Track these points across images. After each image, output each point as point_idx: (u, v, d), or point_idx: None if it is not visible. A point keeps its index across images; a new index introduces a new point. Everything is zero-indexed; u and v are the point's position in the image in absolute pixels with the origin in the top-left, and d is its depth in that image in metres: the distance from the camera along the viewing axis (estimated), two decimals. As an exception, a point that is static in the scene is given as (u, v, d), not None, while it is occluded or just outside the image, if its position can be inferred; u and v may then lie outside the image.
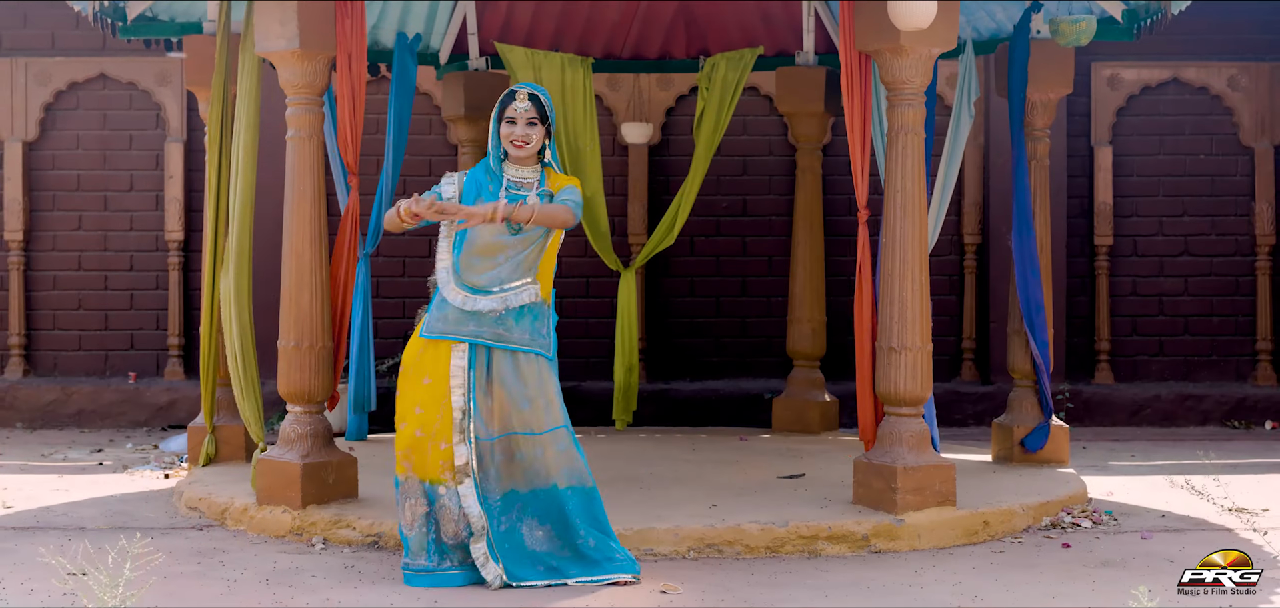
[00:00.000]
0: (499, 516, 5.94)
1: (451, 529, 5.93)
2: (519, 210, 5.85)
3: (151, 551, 6.00)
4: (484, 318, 5.92)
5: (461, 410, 5.91)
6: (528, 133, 5.96)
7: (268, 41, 6.96)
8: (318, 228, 7.01)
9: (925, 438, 6.84)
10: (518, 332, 5.93)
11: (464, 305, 5.92)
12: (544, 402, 5.94)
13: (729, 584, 5.98)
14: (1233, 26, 10.91)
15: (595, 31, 9.63)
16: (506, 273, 5.94)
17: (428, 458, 5.94)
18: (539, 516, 5.95)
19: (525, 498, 5.96)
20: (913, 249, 6.80)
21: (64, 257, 10.83)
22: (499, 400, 5.94)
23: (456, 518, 5.92)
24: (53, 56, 10.77)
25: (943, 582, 6.04)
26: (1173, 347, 11.02)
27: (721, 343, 10.89)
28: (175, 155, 10.69)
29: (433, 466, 5.93)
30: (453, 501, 5.92)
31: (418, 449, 5.95)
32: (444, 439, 5.92)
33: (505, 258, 5.93)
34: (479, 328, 5.91)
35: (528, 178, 6.01)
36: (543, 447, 5.93)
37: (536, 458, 5.94)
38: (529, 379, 5.94)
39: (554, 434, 5.95)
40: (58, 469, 8.82)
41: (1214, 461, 8.53)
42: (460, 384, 5.91)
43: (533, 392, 5.93)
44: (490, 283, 5.93)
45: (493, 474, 5.95)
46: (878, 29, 6.71)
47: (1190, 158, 11.03)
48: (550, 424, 5.95)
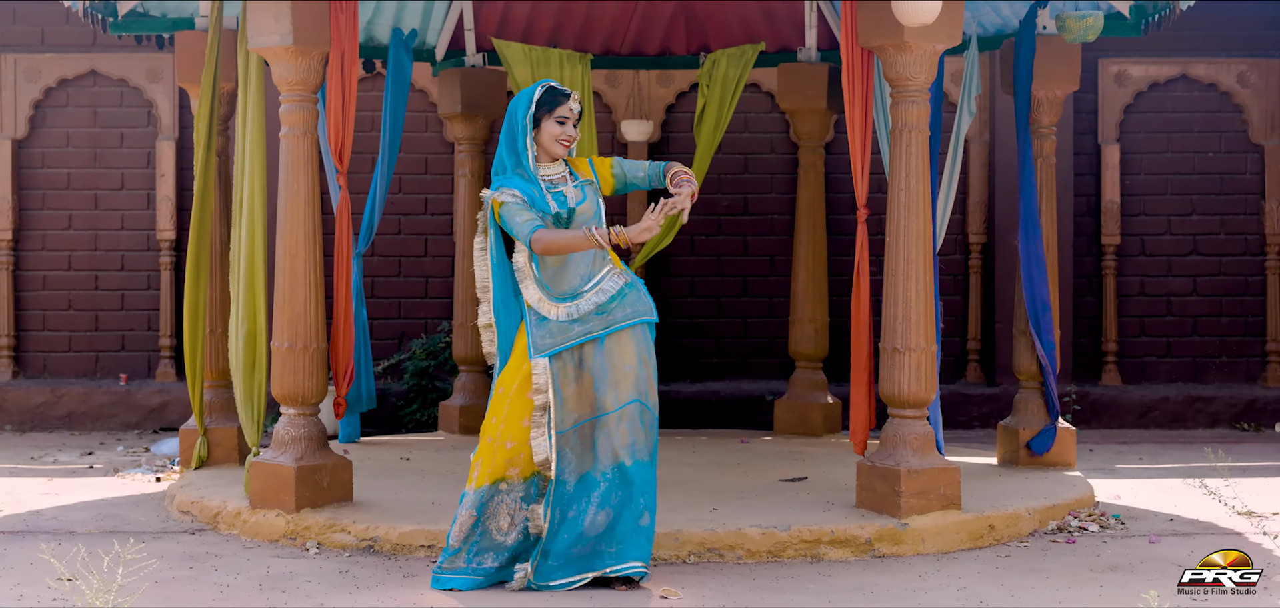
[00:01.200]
0: (569, 503, 5.89)
1: (505, 524, 5.91)
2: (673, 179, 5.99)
3: (143, 555, 6.00)
4: (589, 318, 5.92)
5: (542, 407, 5.87)
6: (576, 134, 6.00)
7: (261, 37, 6.96)
8: (312, 227, 7.01)
9: (929, 441, 6.85)
10: (619, 310, 5.94)
11: (566, 316, 5.91)
12: (620, 376, 5.89)
13: (730, 589, 5.98)
14: (1242, 22, 10.92)
15: (594, 27, 9.63)
16: (589, 267, 5.94)
17: (496, 457, 5.92)
18: (603, 499, 5.89)
19: (598, 482, 5.89)
20: (917, 248, 6.80)
21: (54, 256, 10.83)
22: (583, 384, 5.91)
23: (512, 512, 5.91)
24: (42, 53, 10.78)
25: (947, 587, 6.05)
26: (1181, 348, 11.02)
27: (722, 344, 10.90)
28: (167, 153, 10.69)
29: (500, 465, 5.92)
30: (514, 495, 5.91)
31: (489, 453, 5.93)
32: (511, 438, 5.89)
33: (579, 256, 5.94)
34: (587, 327, 5.91)
35: (559, 172, 6.00)
36: (612, 425, 5.90)
37: (606, 436, 5.89)
38: (615, 353, 5.91)
39: (631, 409, 5.90)
40: (47, 472, 8.82)
41: (1224, 463, 8.53)
42: (542, 385, 5.86)
43: (617, 368, 5.90)
44: (581, 285, 5.93)
45: (570, 460, 5.91)
46: (881, 25, 6.72)
47: (1199, 156, 11.03)
48: (627, 398, 5.89)
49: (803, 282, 9.59)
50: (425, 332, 10.76)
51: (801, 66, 9.39)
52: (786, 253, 10.46)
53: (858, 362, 7.02)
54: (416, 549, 6.52)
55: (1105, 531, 7.12)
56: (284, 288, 7.00)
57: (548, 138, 5.93)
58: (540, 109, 5.93)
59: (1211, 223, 11.01)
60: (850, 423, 7.08)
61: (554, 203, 5.89)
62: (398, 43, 8.05)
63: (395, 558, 6.47)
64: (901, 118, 6.84)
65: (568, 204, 5.91)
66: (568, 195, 5.93)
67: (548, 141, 5.94)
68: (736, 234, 10.89)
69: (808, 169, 9.61)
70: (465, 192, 9.49)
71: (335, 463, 7.04)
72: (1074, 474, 7.97)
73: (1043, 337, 7.97)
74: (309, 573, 6.23)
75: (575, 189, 5.96)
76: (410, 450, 8.77)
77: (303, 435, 6.96)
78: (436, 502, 7.06)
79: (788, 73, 9.45)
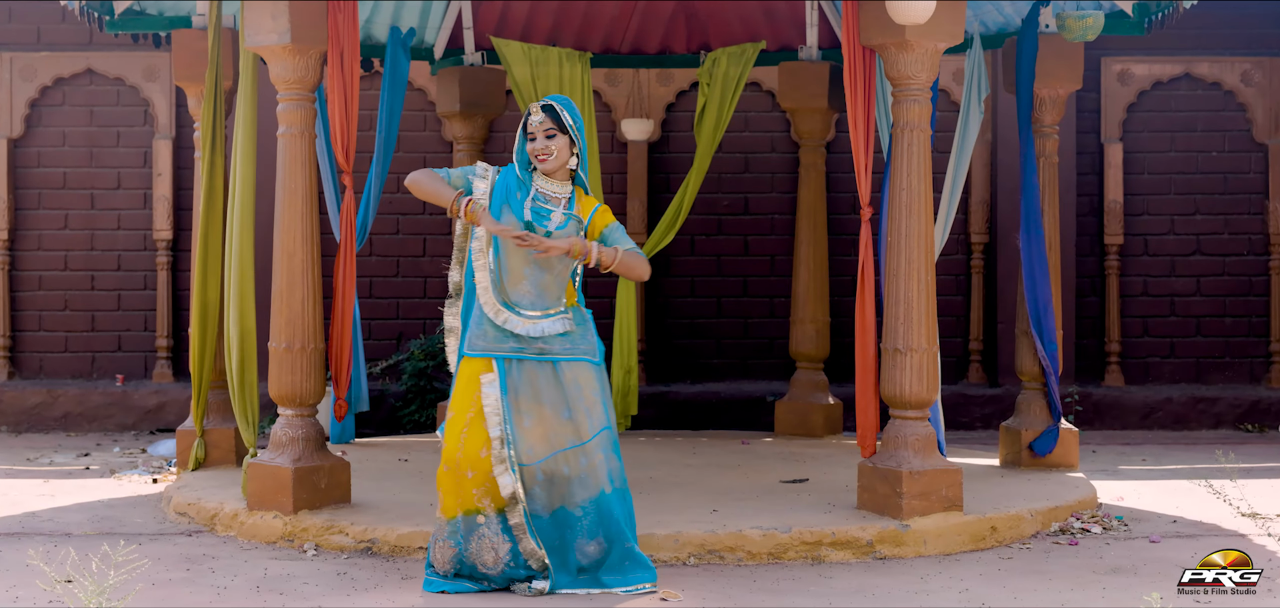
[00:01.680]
0: (550, 535, 5.87)
1: (489, 559, 5.85)
2: (604, 255, 5.86)
3: (139, 557, 6.00)
4: (524, 339, 5.88)
5: (499, 439, 5.82)
6: (548, 146, 5.89)
7: (259, 35, 6.96)
8: (310, 227, 7.01)
9: (931, 442, 6.85)
10: (559, 344, 5.90)
11: (501, 322, 5.88)
12: (585, 407, 5.86)
13: (730, 591, 5.98)
14: (1246, 20, 10.92)
15: (593, 26, 9.63)
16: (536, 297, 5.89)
17: (462, 490, 5.85)
18: (589, 531, 5.88)
19: (577, 518, 5.87)
20: (918, 248, 6.80)
21: (50, 256, 10.83)
22: (541, 418, 5.86)
23: (495, 546, 5.84)
24: (38, 51, 10.78)
25: (949, 589, 6.05)
26: (1184, 348, 11.02)
27: (723, 344, 10.90)
28: (164, 152, 10.69)
29: (466, 497, 5.86)
30: (494, 528, 5.84)
31: (448, 483, 5.88)
32: (471, 468, 5.83)
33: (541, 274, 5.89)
34: (519, 345, 5.87)
35: (557, 193, 5.94)
36: (588, 455, 5.87)
37: (583, 467, 5.86)
38: (567, 384, 5.87)
39: (599, 439, 5.88)
40: (43, 474, 8.82)
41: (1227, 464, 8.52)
42: (495, 412, 5.82)
43: (572, 397, 5.86)
44: (530, 305, 5.89)
45: (539, 493, 5.87)
46: (881, 23, 6.72)
47: (1202, 155, 11.04)
48: (594, 429, 5.87)
49: (804, 282, 9.59)
50: (424, 332, 10.76)
51: (802, 65, 9.39)
52: (787, 253, 10.46)
53: (863, 363, 7.00)
54: (415, 551, 6.51)
55: (1108, 532, 7.12)
56: (281, 288, 7.00)
57: (529, 152, 5.95)
58: (522, 125, 5.97)
59: (1215, 223, 11.01)
60: (857, 425, 7.08)
61: (529, 212, 5.87)
62: (396, 41, 8.06)
63: (393, 560, 6.47)
64: (903, 117, 6.83)
65: (545, 224, 5.89)
66: (551, 216, 5.91)
67: (530, 154, 5.95)
68: (737, 234, 10.89)
69: (809, 168, 9.61)
70: (464, 191, 9.48)
71: (333, 464, 7.04)
72: (1077, 476, 7.97)
73: (1045, 337, 7.97)
74: (306, 575, 6.23)
75: (561, 215, 5.94)
76: (408, 452, 8.77)
77: (300, 437, 6.96)
78: (435, 503, 7.04)
79: (789, 71, 9.45)
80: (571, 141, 5.91)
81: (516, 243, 5.79)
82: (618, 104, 10.74)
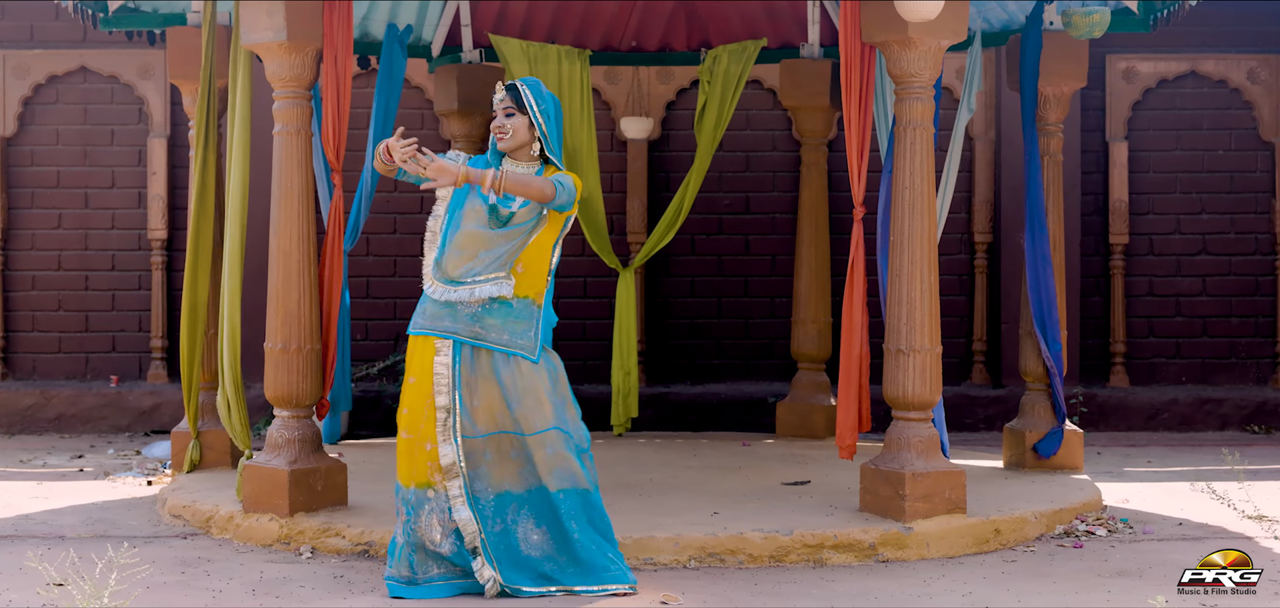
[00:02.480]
0: (492, 518, 5.91)
1: (436, 536, 5.90)
2: (488, 178, 5.76)
3: (134, 560, 6.00)
4: (458, 313, 5.89)
5: (445, 409, 5.88)
6: (505, 123, 5.94)
7: (254, 33, 6.97)
8: (306, 226, 7.01)
9: (934, 443, 6.85)
10: (495, 332, 5.90)
11: (437, 297, 5.92)
12: (534, 401, 5.90)
13: (731, 595, 5.98)
14: (1252, 17, 10.92)
15: (593, 23, 9.63)
16: (481, 266, 5.90)
17: (416, 461, 5.93)
18: (535, 517, 5.93)
19: (520, 499, 5.92)
20: (921, 247, 6.80)
21: (43, 256, 10.83)
22: (488, 397, 5.90)
23: (443, 524, 5.90)
24: (31, 49, 10.78)
25: (952, 592, 6.05)
26: (1190, 349, 11.02)
27: (723, 345, 10.90)
28: (158, 151, 10.69)
29: (421, 469, 5.92)
30: (440, 505, 5.90)
31: (405, 452, 5.94)
32: (429, 440, 5.90)
33: (485, 251, 5.90)
34: (454, 324, 5.89)
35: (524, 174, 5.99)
36: (533, 448, 5.90)
37: (527, 458, 5.91)
38: (516, 378, 5.91)
39: (544, 436, 5.91)
40: (37, 476, 8.82)
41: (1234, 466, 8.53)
42: (445, 382, 5.88)
43: (522, 390, 5.90)
44: (464, 275, 5.92)
45: (484, 474, 5.91)
46: (885, 21, 6.72)
47: (1208, 153, 11.04)
48: (540, 425, 5.90)
49: (805, 281, 9.59)
50: (421, 333, 10.75)
51: (804, 63, 9.40)
52: (789, 252, 10.46)
53: (848, 363, 6.98)
54: (412, 554, 6.51)
55: (1113, 535, 7.12)
56: (277, 288, 7.00)
57: (492, 130, 6.00)
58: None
59: (1221, 222, 11.01)
60: (837, 427, 7.05)
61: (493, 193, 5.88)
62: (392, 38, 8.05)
63: (391, 563, 6.47)
64: (905, 115, 6.84)
65: (511, 203, 5.89)
66: (513, 197, 5.92)
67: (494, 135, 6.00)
68: (738, 233, 10.89)
69: (810, 167, 9.61)
70: (462, 190, 9.48)
71: (329, 466, 7.04)
72: (1081, 478, 7.97)
73: (1049, 338, 7.97)
74: (303, 578, 6.23)
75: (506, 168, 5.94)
76: (406, 453, 8.76)
77: (296, 438, 6.96)
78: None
79: (790, 69, 9.45)
80: (531, 122, 5.95)
81: (406, 161, 5.79)
82: (617, 102, 10.74)
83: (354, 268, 10.63)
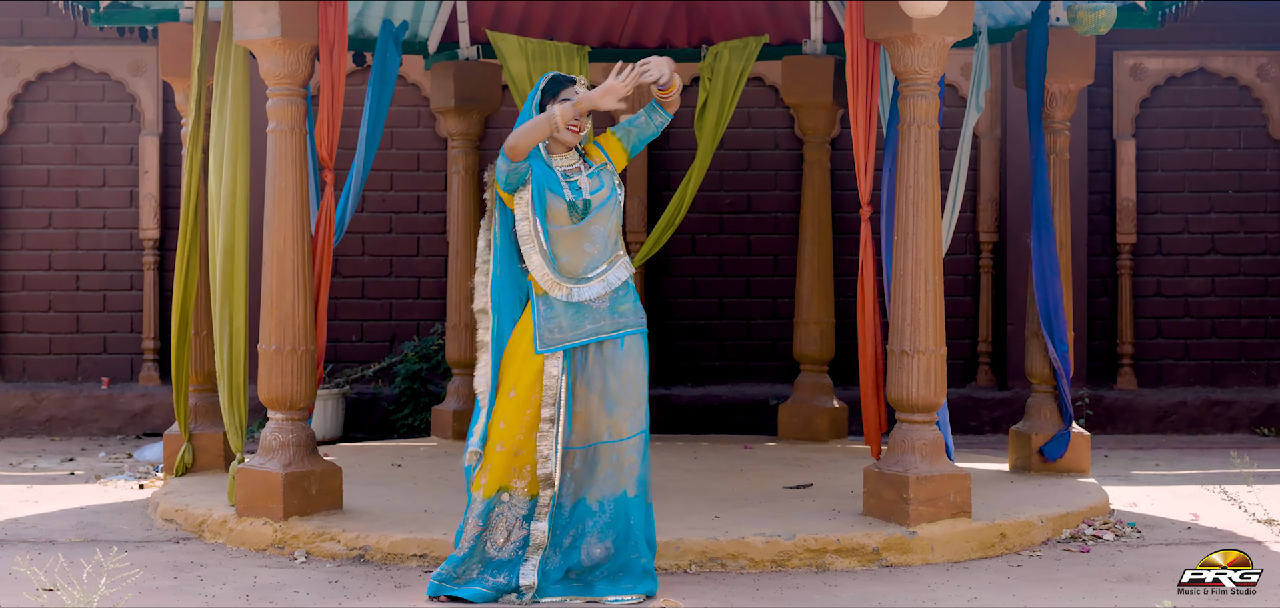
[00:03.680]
0: (564, 530, 5.90)
1: (500, 539, 5.88)
2: (671, 81, 5.85)
3: (125, 565, 5.99)
4: (596, 312, 5.89)
5: (550, 421, 5.84)
6: (583, 122, 5.95)
7: (248, 29, 6.97)
8: (301, 226, 7.01)
9: (939, 446, 6.85)
10: (630, 315, 5.93)
11: (570, 298, 5.87)
12: (631, 404, 5.89)
13: (733, 599, 5.98)
14: (1262, 13, 10.92)
15: (591, 19, 9.63)
16: (600, 253, 5.91)
17: (506, 471, 5.89)
18: (601, 531, 5.89)
19: (595, 513, 5.90)
20: (925, 247, 6.81)
21: (33, 256, 10.84)
22: (591, 404, 5.88)
23: (510, 527, 5.88)
24: (21, 45, 10.78)
25: (957, 597, 6.05)
26: (1199, 350, 11.03)
27: (725, 346, 10.90)
28: (150, 149, 10.69)
29: (506, 476, 5.89)
30: (515, 509, 5.88)
31: (498, 465, 5.89)
32: (524, 449, 5.87)
33: (588, 244, 5.90)
34: (598, 325, 5.89)
35: (572, 163, 5.97)
36: (622, 454, 5.89)
37: (614, 465, 5.89)
38: (623, 378, 5.88)
39: (635, 441, 5.91)
40: (27, 479, 8.82)
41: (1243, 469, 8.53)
42: (553, 394, 5.84)
43: (624, 391, 5.88)
44: (587, 270, 5.92)
45: (569, 482, 5.90)
46: (889, 17, 6.72)
47: (1217, 151, 11.04)
48: (630, 431, 5.90)
49: (808, 282, 9.59)
50: (417, 334, 10.76)
51: (806, 59, 9.40)
52: (791, 252, 10.46)
53: (866, 364, 7.03)
54: (408, 559, 6.52)
55: (1120, 539, 7.12)
56: (272, 289, 7.00)
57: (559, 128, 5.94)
58: (546, 98, 5.95)
59: (1230, 221, 11.01)
60: (864, 427, 7.11)
61: (569, 191, 5.89)
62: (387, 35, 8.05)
63: (386, 568, 6.47)
64: (910, 112, 6.84)
65: (582, 193, 5.90)
66: (582, 185, 5.92)
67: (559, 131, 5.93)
68: (739, 233, 10.89)
69: (813, 165, 9.61)
70: (459, 188, 9.48)
71: (324, 470, 7.04)
72: (1088, 481, 7.97)
73: (1056, 339, 7.97)
74: (297, 583, 6.23)
75: (590, 178, 5.94)
76: (402, 456, 8.77)
77: (291, 441, 6.96)
78: (429, 509, 7.06)
79: (792, 66, 9.45)
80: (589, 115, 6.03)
81: (630, 87, 5.84)
82: (617, 99, 10.73)
83: (349, 268, 10.64)
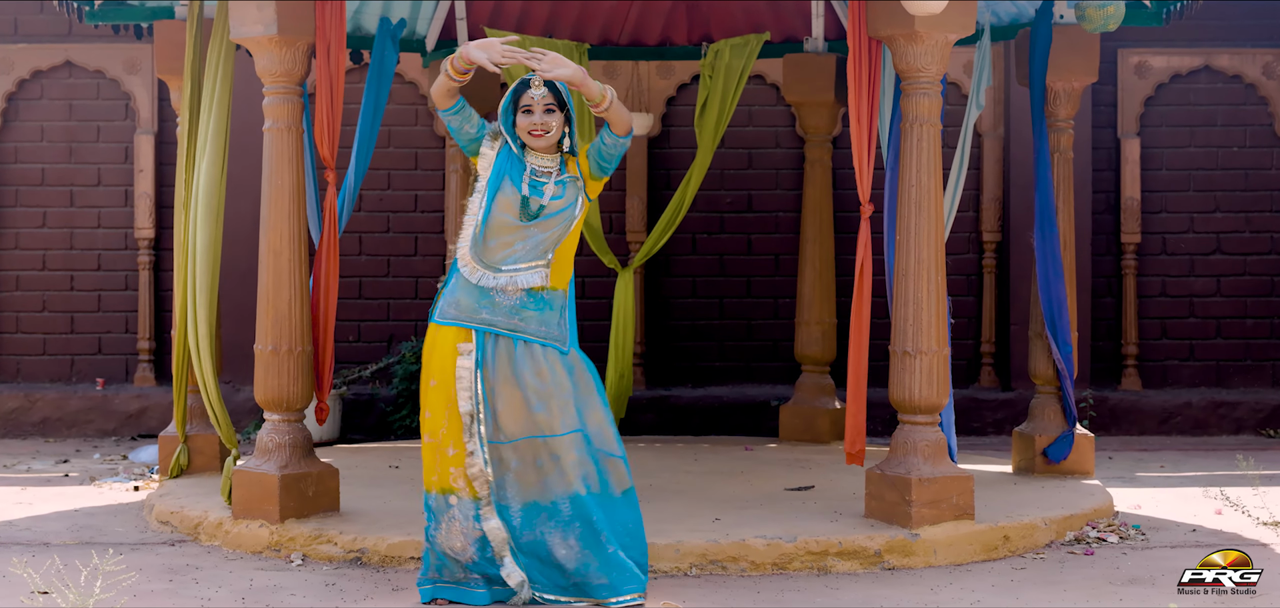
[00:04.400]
0: (521, 528, 5.87)
1: (458, 543, 5.88)
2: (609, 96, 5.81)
3: (121, 567, 6.00)
4: (497, 304, 5.87)
5: (469, 415, 5.84)
6: (547, 121, 5.90)
7: (244, 27, 6.96)
8: (297, 225, 7.01)
9: (942, 448, 6.85)
10: (534, 324, 5.88)
11: (476, 281, 5.86)
12: (560, 403, 5.86)
13: (733, 602, 5.99)
14: (1268, 11, 10.92)
15: (591, 17, 9.64)
16: (519, 254, 5.88)
17: (440, 466, 5.89)
18: (564, 528, 5.87)
19: (548, 510, 5.86)
20: (928, 247, 6.80)
21: (27, 256, 10.83)
22: (514, 400, 5.85)
23: (465, 531, 5.87)
24: (15, 43, 10.77)
25: (960, 600, 6.05)
26: (1204, 351, 11.03)
27: (725, 347, 10.90)
28: (145, 148, 10.69)
29: (444, 474, 5.89)
30: (464, 512, 5.87)
31: (428, 456, 5.91)
32: (452, 445, 5.87)
33: (520, 240, 5.88)
34: (493, 316, 5.86)
35: (548, 165, 5.95)
36: (560, 452, 5.86)
37: (555, 463, 5.86)
38: (543, 377, 5.86)
39: (570, 438, 5.86)
40: (21, 481, 8.82)
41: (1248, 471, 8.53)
42: (467, 386, 5.84)
43: (548, 389, 5.85)
44: (502, 262, 5.89)
45: (511, 481, 5.87)
46: (891, 15, 6.72)
47: (1223, 150, 11.04)
48: (566, 427, 5.86)
49: (809, 282, 9.59)
50: (416, 334, 10.76)
51: (808, 57, 9.40)
52: (792, 252, 10.46)
53: (856, 366, 6.98)
54: (406, 561, 6.52)
55: (1125, 542, 7.13)
56: (267, 289, 7.00)
57: (521, 130, 5.96)
58: (515, 103, 5.96)
59: (1236, 220, 11.01)
60: (846, 432, 7.05)
61: (527, 188, 5.88)
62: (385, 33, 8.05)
63: (384, 570, 6.47)
64: (912, 110, 6.84)
65: (542, 197, 5.89)
66: (545, 190, 5.91)
67: (522, 134, 5.95)
68: (740, 232, 10.89)
69: (814, 164, 9.61)
70: (457, 187, 9.50)
71: (321, 471, 7.04)
72: (1092, 483, 7.97)
73: (1059, 339, 7.97)
74: (294, 586, 6.23)
75: (557, 185, 5.92)
76: (399, 458, 8.77)
77: (287, 443, 6.96)
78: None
79: (794, 64, 9.45)
80: (565, 119, 5.95)
81: (509, 59, 5.83)
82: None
83: (346, 268, 10.63)
